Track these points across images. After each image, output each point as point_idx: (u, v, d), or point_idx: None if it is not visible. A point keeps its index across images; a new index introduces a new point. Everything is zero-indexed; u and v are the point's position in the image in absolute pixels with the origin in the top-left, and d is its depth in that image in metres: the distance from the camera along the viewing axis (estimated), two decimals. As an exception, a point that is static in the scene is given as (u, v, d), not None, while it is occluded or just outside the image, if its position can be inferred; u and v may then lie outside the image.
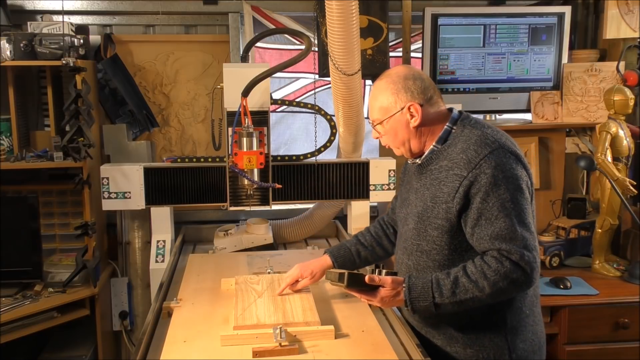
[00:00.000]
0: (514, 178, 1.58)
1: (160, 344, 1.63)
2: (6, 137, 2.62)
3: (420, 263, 1.71)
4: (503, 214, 1.55)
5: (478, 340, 1.67)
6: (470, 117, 1.74)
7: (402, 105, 1.68)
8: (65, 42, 2.44)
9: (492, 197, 1.56)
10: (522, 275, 1.54)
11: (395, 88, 1.69)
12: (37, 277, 2.54)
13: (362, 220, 2.72)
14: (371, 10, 2.85)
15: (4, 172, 2.52)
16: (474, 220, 1.58)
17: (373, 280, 1.60)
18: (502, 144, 1.62)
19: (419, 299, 1.58)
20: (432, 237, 1.67)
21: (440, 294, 1.57)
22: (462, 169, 1.60)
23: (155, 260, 2.56)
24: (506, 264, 1.54)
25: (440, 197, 1.64)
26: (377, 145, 3.08)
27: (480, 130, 1.66)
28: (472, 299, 1.56)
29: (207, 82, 2.99)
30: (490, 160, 1.58)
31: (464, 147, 1.64)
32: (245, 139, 2.23)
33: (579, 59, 3.01)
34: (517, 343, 1.67)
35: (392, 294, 1.61)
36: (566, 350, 2.47)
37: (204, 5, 2.94)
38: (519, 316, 1.68)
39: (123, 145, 2.86)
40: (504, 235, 1.54)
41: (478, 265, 1.56)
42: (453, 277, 1.57)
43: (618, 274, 2.70)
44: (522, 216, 1.57)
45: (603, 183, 2.71)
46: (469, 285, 1.55)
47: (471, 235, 1.60)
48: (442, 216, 1.63)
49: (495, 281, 1.54)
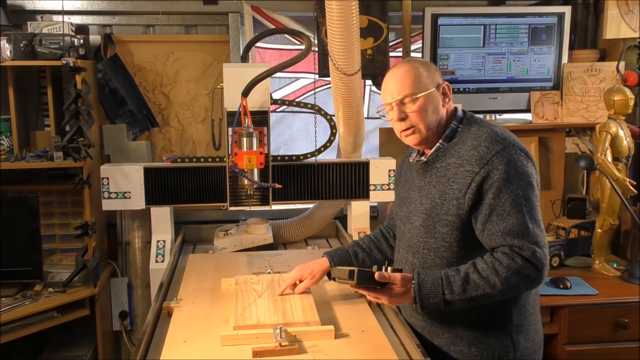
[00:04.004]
0: (525, 175, 1.59)
1: (160, 344, 1.63)
2: (6, 137, 2.62)
3: (427, 261, 1.70)
4: (515, 210, 1.56)
5: (484, 339, 1.67)
6: (475, 116, 1.76)
7: (437, 82, 1.69)
8: (65, 42, 2.44)
9: (505, 193, 1.56)
10: (534, 272, 1.55)
11: (428, 67, 1.70)
12: (37, 277, 2.54)
13: (362, 220, 2.72)
14: (371, 10, 2.85)
15: (4, 172, 2.52)
16: (486, 216, 1.58)
17: (383, 277, 1.58)
18: (512, 141, 1.64)
19: (429, 296, 1.58)
20: (442, 234, 1.66)
21: (451, 290, 1.56)
22: (474, 165, 1.61)
23: (155, 260, 2.56)
24: (518, 260, 1.54)
25: (450, 194, 1.64)
26: (377, 145, 3.08)
27: (489, 128, 1.68)
28: (483, 295, 1.56)
29: (207, 82, 2.99)
30: (503, 157, 1.59)
31: (474, 144, 1.64)
32: (245, 139, 2.23)
33: (579, 59, 3.01)
34: (521, 341, 1.68)
35: (401, 291, 1.59)
36: (566, 350, 2.47)
37: (204, 5, 2.94)
38: (523, 314, 1.68)
39: (123, 145, 2.86)
40: (516, 231, 1.55)
41: (489, 261, 1.56)
42: (464, 273, 1.57)
43: (618, 274, 2.70)
44: (534, 213, 1.58)
45: (603, 183, 2.71)
46: (480, 282, 1.55)
47: (482, 232, 1.60)
48: (453, 212, 1.63)
49: (507, 277, 1.54)
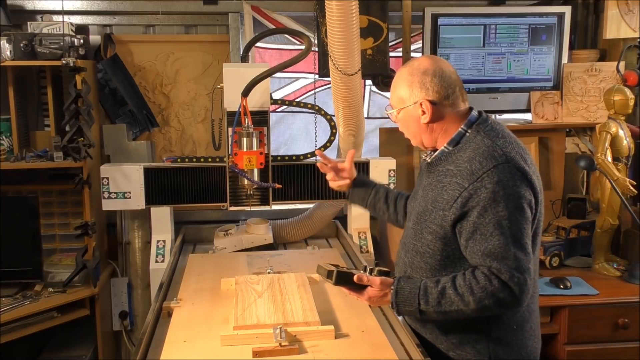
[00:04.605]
0: (515, 196, 1.53)
1: (160, 344, 1.63)
2: (6, 137, 2.62)
3: (415, 262, 1.71)
4: (498, 232, 1.51)
5: (461, 345, 1.66)
6: (488, 122, 1.68)
7: (414, 99, 1.67)
8: (65, 42, 2.44)
9: (490, 213, 1.52)
10: (509, 296, 1.51)
11: (411, 81, 1.67)
12: (37, 277, 2.54)
13: (362, 220, 2.72)
14: (371, 10, 2.85)
15: (4, 172, 2.52)
16: (469, 234, 1.56)
17: (361, 280, 1.61)
18: (509, 159, 1.56)
19: (405, 304, 1.59)
20: (427, 241, 1.66)
21: (426, 301, 1.56)
22: (464, 180, 1.57)
23: (155, 260, 2.56)
24: (494, 282, 1.51)
25: (439, 203, 1.63)
26: (377, 145, 3.08)
27: (491, 140, 1.61)
28: (457, 311, 1.55)
29: (207, 82, 2.99)
30: (493, 175, 1.53)
31: (470, 155, 1.60)
32: (245, 139, 2.23)
33: (579, 59, 3.01)
34: (500, 354, 1.65)
35: (379, 295, 1.62)
36: (566, 350, 2.47)
37: (204, 5, 2.94)
38: (504, 330, 1.65)
39: (123, 145, 2.86)
40: (496, 253, 1.51)
41: (467, 279, 1.54)
42: (441, 287, 1.56)
43: (618, 274, 2.70)
44: (519, 236, 1.52)
45: (603, 183, 2.70)
46: (455, 298, 1.54)
47: (465, 248, 1.59)
48: (438, 222, 1.62)
49: (481, 298, 1.51)
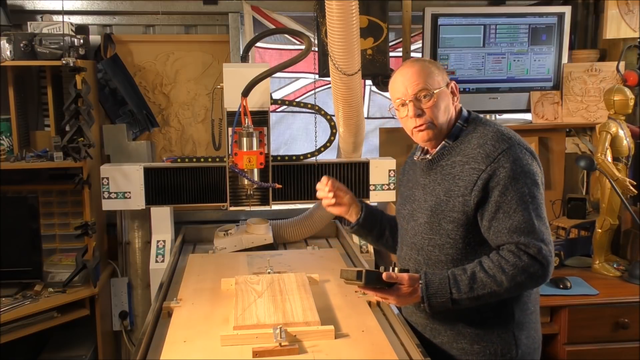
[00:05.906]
0: (531, 173, 1.61)
1: (160, 344, 1.63)
2: (6, 137, 2.62)
3: (432, 258, 1.70)
4: (521, 208, 1.57)
5: (486, 336, 1.68)
6: (480, 116, 1.78)
7: (447, 81, 1.74)
8: (65, 42, 2.44)
9: (511, 190, 1.58)
10: (540, 269, 1.56)
11: (438, 66, 1.76)
12: (37, 277, 2.54)
13: (362, 220, 2.72)
14: (371, 10, 2.85)
15: (4, 172, 2.52)
16: (492, 214, 1.60)
17: (391, 277, 1.59)
18: (517, 141, 1.66)
19: (437, 295, 1.59)
20: (447, 231, 1.67)
21: (458, 289, 1.57)
22: (480, 163, 1.62)
23: (155, 260, 2.56)
24: (524, 257, 1.55)
25: (455, 191, 1.65)
26: (377, 145, 3.08)
27: (494, 127, 1.70)
28: (490, 293, 1.57)
29: (207, 82, 2.99)
30: (509, 155, 1.61)
31: (480, 142, 1.66)
32: (245, 139, 2.23)
33: (579, 59, 3.01)
34: (522, 339, 1.69)
35: (408, 291, 1.60)
36: (566, 350, 2.47)
37: (204, 5, 2.94)
38: (525, 312, 1.70)
39: (123, 145, 2.86)
40: (523, 228, 1.56)
41: (495, 259, 1.57)
42: (470, 272, 1.58)
43: (618, 274, 2.70)
44: (539, 210, 1.60)
45: (603, 183, 2.70)
46: (487, 280, 1.56)
47: (487, 229, 1.61)
48: (459, 209, 1.64)
49: (513, 275, 1.55)
